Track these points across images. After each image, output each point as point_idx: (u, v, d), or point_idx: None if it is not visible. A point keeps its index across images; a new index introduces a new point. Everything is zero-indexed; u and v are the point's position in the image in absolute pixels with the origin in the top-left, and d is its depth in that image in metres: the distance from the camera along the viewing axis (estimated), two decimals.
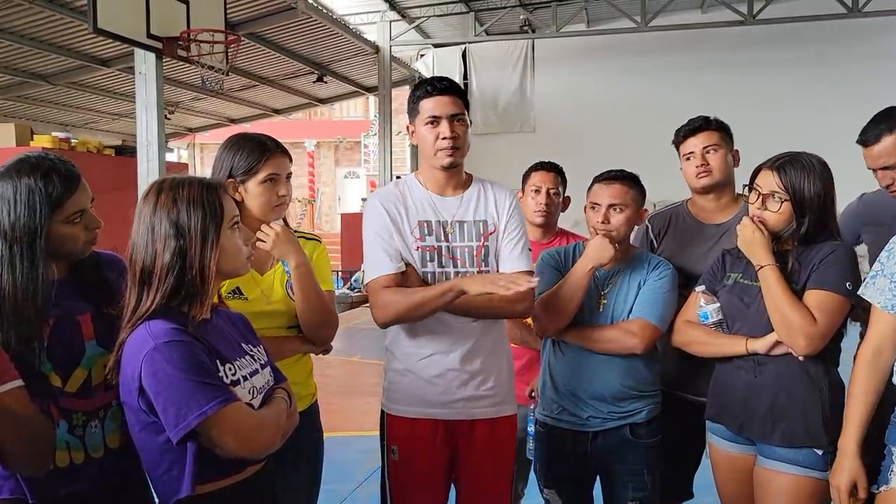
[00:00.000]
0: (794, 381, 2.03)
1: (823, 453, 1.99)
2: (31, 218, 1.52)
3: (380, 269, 2.06)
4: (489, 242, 2.14)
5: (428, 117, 2.09)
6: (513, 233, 2.15)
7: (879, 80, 11.23)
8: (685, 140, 2.46)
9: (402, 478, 2.11)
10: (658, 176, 4.80)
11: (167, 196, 1.53)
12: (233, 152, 2.06)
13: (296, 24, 9.74)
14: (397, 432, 2.12)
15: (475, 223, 2.14)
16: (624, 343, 2.21)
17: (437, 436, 2.09)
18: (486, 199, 2.17)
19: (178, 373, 1.42)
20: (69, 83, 10.69)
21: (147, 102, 6.37)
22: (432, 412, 2.09)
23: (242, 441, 1.46)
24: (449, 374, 2.08)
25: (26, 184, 1.53)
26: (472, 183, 2.20)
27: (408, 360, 2.11)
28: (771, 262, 2.03)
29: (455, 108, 2.09)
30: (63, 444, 1.57)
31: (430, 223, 2.11)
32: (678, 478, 2.52)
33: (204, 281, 1.52)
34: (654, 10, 11.07)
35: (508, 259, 2.13)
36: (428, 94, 2.10)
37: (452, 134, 2.07)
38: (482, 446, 2.12)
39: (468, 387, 2.09)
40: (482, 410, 2.12)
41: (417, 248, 2.09)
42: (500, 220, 2.16)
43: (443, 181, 2.15)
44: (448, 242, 2.11)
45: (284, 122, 17.11)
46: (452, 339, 2.08)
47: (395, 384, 2.14)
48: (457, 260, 2.11)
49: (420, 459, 2.09)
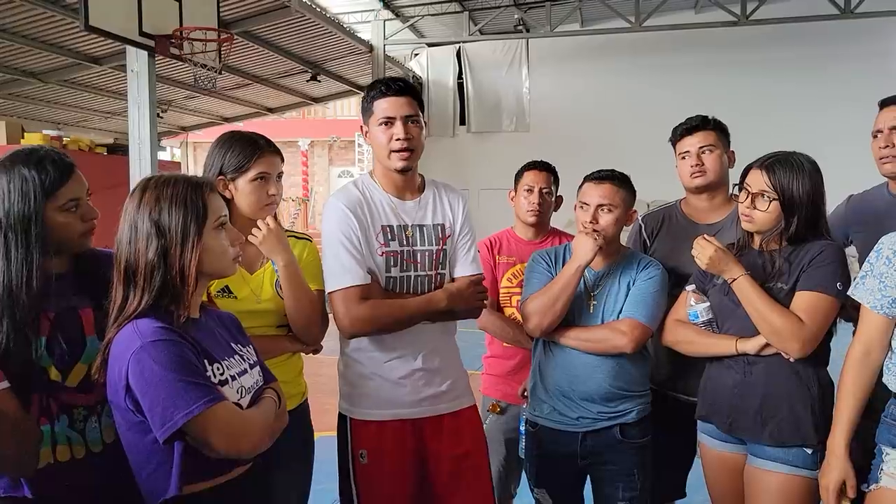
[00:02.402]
0: (783, 380, 2.03)
1: (813, 452, 2.00)
2: (25, 205, 1.54)
3: (349, 279, 2.02)
4: (447, 246, 2.16)
5: (382, 118, 2.07)
6: (465, 237, 2.19)
7: (872, 80, 11.26)
8: (682, 139, 2.47)
9: (373, 481, 2.10)
10: (651, 176, 4.82)
11: (151, 195, 1.53)
12: (224, 150, 2.05)
13: (289, 23, 9.71)
14: (365, 436, 2.10)
15: (434, 227, 2.16)
16: (613, 342, 2.21)
17: (406, 435, 2.10)
18: (442, 202, 2.19)
19: (165, 372, 1.41)
20: (61, 81, 10.62)
21: (139, 101, 6.33)
22: (401, 412, 2.10)
23: (230, 441, 1.46)
24: (415, 375, 2.11)
25: (20, 173, 1.56)
26: (426, 186, 2.21)
27: (374, 364, 2.11)
28: (743, 272, 2.05)
29: (410, 109, 2.07)
30: (64, 440, 1.58)
31: (393, 228, 2.11)
32: (671, 477, 2.52)
33: (184, 281, 1.51)
34: (648, 10, 11.08)
35: (461, 264, 2.17)
36: (382, 94, 2.08)
37: (406, 135, 2.05)
38: (452, 434, 2.14)
39: (432, 385, 2.13)
40: (446, 405, 2.16)
41: (382, 253, 2.08)
42: (455, 223, 2.19)
43: (400, 184, 2.14)
44: (409, 247, 2.11)
45: (278, 120, 17.08)
46: (416, 341, 2.10)
47: (360, 388, 2.13)
48: (417, 264, 2.12)
49: (391, 460, 2.09)
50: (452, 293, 2.10)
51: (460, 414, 2.18)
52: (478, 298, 2.15)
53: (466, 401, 2.22)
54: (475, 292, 2.14)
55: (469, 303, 2.12)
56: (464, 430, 2.17)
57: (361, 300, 2.01)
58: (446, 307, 2.08)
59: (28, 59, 9.72)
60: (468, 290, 2.12)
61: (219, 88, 10.61)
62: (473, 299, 2.13)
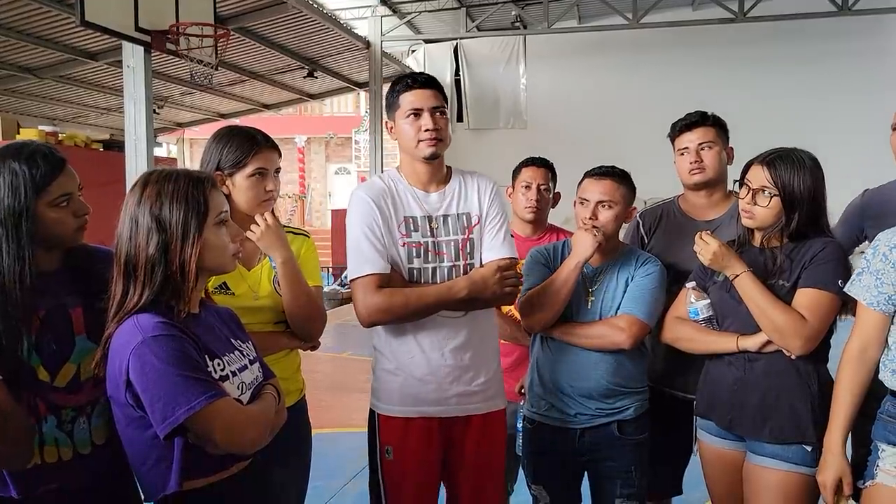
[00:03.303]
0: (783, 377, 2.03)
1: (812, 449, 2.00)
2: (15, 200, 1.53)
3: (369, 267, 2.03)
4: (473, 235, 2.13)
5: (409, 110, 2.08)
6: (494, 220, 2.14)
7: (869, 77, 11.32)
8: (681, 134, 2.46)
9: (398, 477, 2.10)
10: (649, 172, 4.81)
11: (152, 189, 1.52)
12: (221, 145, 2.04)
13: (286, 19, 9.70)
14: (391, 432, 2.10)
15: (459, 216, 2.13)
16: (611, 338, 2.21)
17: (433, 433, 2.09)
18: (468, 190, 2.17)
19: (166, 367, 1.40)
20: (56, 77, 10.59)
21: (135, 96, 6.32)
22: (427, 410, 2.08)
23: (231, 437, 1.45)
24: (441, 371, 2.08)
25: (10, 167, 1.55)
26: (452, 176, 2.19)
27: (398, 359, 2.10)
28: (745, 269, 2.04)
29: (436, 100, 2.09)
30: (52, 441, 1.56)
31: (416, 219, 2.10)
32: (668, 473, 2.53)
33: (184, 277, 1.50)
34: (646, 7, 11.08)
35: (490, 248, 2.12)
36: (409, 87, 2.09)
37: (435, 125, 2.07)
38: (476, 441, 2.12)
39: (460, 382, 2.09)
40: (475, 406, 2.12)
41: (403, 244, 2.08)
42: (483, 208, 2.15)
43: (425, 176, 2.14)
44: (434, 237, 2.10)
45: (274, 117, 17.06)
46: (442, 335, 2.08)
47: (386, 384, 2.12)
48: (443, 255, 2.10)
49: (416, 458, 2.08)
50: (475, 280, 2.04)
51: (489, 418, 2.14)
52: (505, 284, 2.05)
53: (499, 403, 2.17)
54: (501, 278, 2.04)
55: (494, 290, 2.04)
56: (492, 437, 2.14)
57: (378, 289, 2.00)
58: (467, 295, 2.03)
59: (24, 55, 9.69)
60: (493, 276, 2.04)
61: (215, 84, 10.59)
62: (499, 286, 2.04)
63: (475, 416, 2.12)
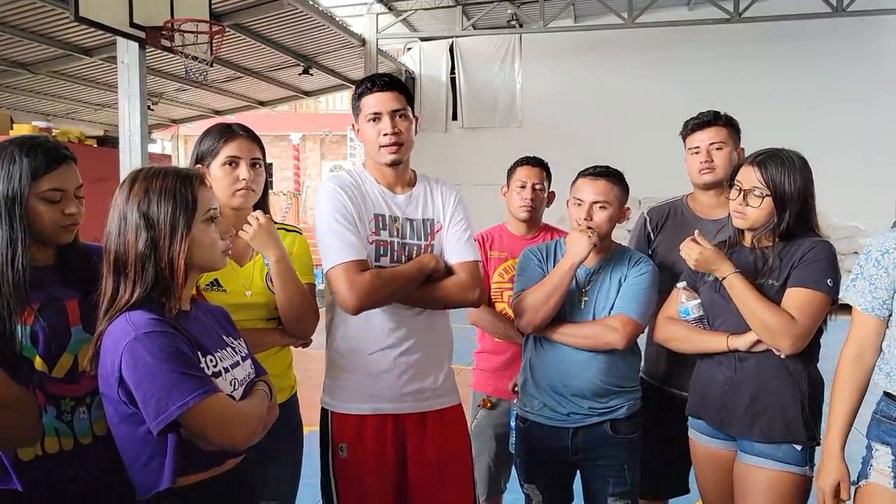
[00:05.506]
0: (774, 377, 2.04)
1: (802, 448, 2.01)
2: (9, 185, 1.56)
3: (353, 253, 2.00)
4: (435, 241, 2.14)
5: (369, 114, 2.08)
6: (458, 224, 2.16)
7: (863, 77, 11.35)
8: (692, 133, 2.46)
9: (351, 475, 2.09)
10: (644, 172, 4.82)
11: (140, 186, 1.53)
12: (201, 138, 2.08)
13: (281, 16, 9.66)
14: (346, 430, 2.09)
15: (423, 221, 2.14)
16: (605, 338, 2.22)
17: (387, 430, 2.09)
18: (433, 196, 2.17)
19: (158, 363, 1.40)
20: (50, 72, 10.54)
21: (130, 92, 6.31)
22: (383, 407, 2.08)
23: (224, 433, 1.46)
24: (398, 369, 2.08)
25: (11, 154, 1.58)
26: (417, 180, 2.19)
27: (356, 357, 2.09)
28: (732, 270, 2.05)
29: (396, 103, 2.07)
30: (52, 431, 1.57)
31: (384, 217, 2.10)
32: (670, 472, 2.52)
33: (173, 274, 1.50)
34: (641, 6, 11.10)
35: (454, 249, 2.13)
36: (368, 90, 2.08)
37: (394, 130, 2.06)
38: (434, 436, 2.12)
39: (416, 380, 2.10)
40: (430, 402, 2.13)
41: (372, 241, 2.07)
42: (445, 214, 2.16)
43: (391, 178, 2.14)
44: (400, 238, 2.11)
45: (270, 114, 16.99)
46: (400, 334, 2.09)
47: (341, 381, 2.12)
48: (406, 257, 2.10)
49: (370, 455, 2.07)
50: (437, 257, 2.10)
51: (445, 413, 2.16)
52: None
53: (453, 399, 2.20)
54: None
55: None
56: (448, 431, 2.15)
57: (359, 271, 1.98)
58: (436, 265, 2.07)
59: (18, 50, 9.64)
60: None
61: (210, 81, 10.58)
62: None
63: (430, 413, 2.13)
